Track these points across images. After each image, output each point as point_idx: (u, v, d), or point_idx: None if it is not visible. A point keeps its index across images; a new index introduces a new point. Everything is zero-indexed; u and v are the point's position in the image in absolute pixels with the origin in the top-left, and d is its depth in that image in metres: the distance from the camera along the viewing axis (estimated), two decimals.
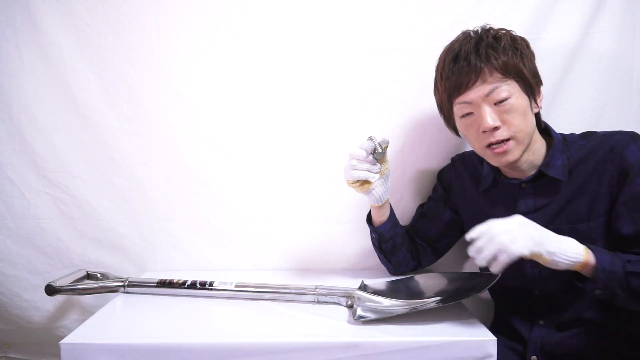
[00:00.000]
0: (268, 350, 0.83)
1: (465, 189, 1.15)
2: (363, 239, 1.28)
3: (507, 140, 0.95)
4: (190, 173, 1.29)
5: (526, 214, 1.00)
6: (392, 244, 1.16)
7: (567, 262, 0.86)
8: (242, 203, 1.30)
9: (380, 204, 1.11)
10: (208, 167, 1.29)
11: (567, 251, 0.86)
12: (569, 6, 1.21)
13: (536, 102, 0.99)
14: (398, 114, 1.26)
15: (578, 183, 0.98)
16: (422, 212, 1.23)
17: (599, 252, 0.88)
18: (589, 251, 0.88)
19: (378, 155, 1.02)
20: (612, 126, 1.21)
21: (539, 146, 1.01)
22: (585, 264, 0.87)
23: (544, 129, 1.04)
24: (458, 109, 1.00)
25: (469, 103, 0.97)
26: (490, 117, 0.94)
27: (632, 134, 0.96)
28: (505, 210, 1.04)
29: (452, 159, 1.22)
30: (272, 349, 0.84)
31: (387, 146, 1.04)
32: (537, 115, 1.01)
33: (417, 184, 1.29)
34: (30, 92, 1.25)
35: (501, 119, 0.95)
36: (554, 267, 0.87)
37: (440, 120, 1.26)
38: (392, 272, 1.22)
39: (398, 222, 1.18)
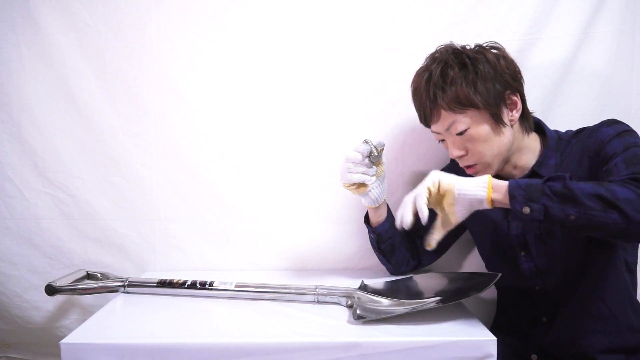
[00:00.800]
0: (268, 350, 0.83)
1: None
2: (363, 239, 1.28)
3: (474, 164, 1.00)
4: (190, 173, 1.29)
5: None
6: (391, 244, 1.16)
7: (473, 185, 0.86)
8: (242, 203, 1.30)
9: (376, 205, 1.11)
10: (208, 167, 1.29)
11: (469, 179, 0.88)
12: (569, 6, 1.21)
13: (504, 121, 0.97)
14: (398, 114, 1.26)
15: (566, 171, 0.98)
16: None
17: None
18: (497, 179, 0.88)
19: (374, 158, 1.03)
20: None
21: (531, 148, 1.02)
22: (496, 187, 0.86)
23: (540, 128, 1.05)
24: (433, 135, 1.04)
25: (437, 133, 1.02)
26: (454, 148, 1.00)
27: (609, 120, 0.97)
28: (499, 208, 1.04)
29: (452, 159, 1.22)
30: (272, 349, 0.83)
31: (383, 149, 1.05)
32: (524, 118, 1.01)
33: (416, 184, 1.28)
34: (30, 92, 1.25)
35: (465, 148, 0.99)
36: (467, 201, 0.87)
37: None
38: (392, 272, 1.22)
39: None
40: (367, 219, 1.18)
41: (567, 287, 1.00)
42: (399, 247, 1.17)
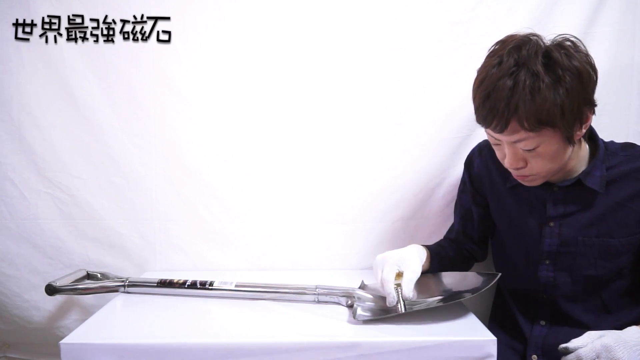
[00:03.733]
0: (268, 350, 0.83)
1: (492, 180, 1.10)
2: (363, 239, 1.28)
3: (529, 175, 0.93)
4: (190, 173, 1.29)
5: (554, 219, 0.99)
6: (445, 267, 1.12)
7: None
8: (243, 203, 1.30)
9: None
10: (208, 167, 1.29)
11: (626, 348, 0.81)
12: (569, 6, 1.21)
13: (574, 140, 0.89)
14: (397, 114, 1.26)
15: (617, 199, 0.95)
16: (461, 213, 1.19)
17: None
18: None
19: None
20: (612, 126, 1.22)
21: (581, 155, 0.97)
22: None
23: (591, 135, 1.00)
24: (488, 136, 0.94)
25: (496, 138, 0.92)
26: (513, 159, 0.91)
27: None
28: (531, 212, 1.02)
29: (480, 146, 1.15)
30: (272, 349, 0.84)
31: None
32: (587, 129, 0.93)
33: (417, 184, 1.28)
34: (30, 92, 1.25)
35: (525, 160, 0.91)
36: None
37: (439, 120, 1.26)
38: None
39: (443, 255, 1.12)
40: None
41: (575, 300, 0.99)
42: (451, 266, 1.13)
